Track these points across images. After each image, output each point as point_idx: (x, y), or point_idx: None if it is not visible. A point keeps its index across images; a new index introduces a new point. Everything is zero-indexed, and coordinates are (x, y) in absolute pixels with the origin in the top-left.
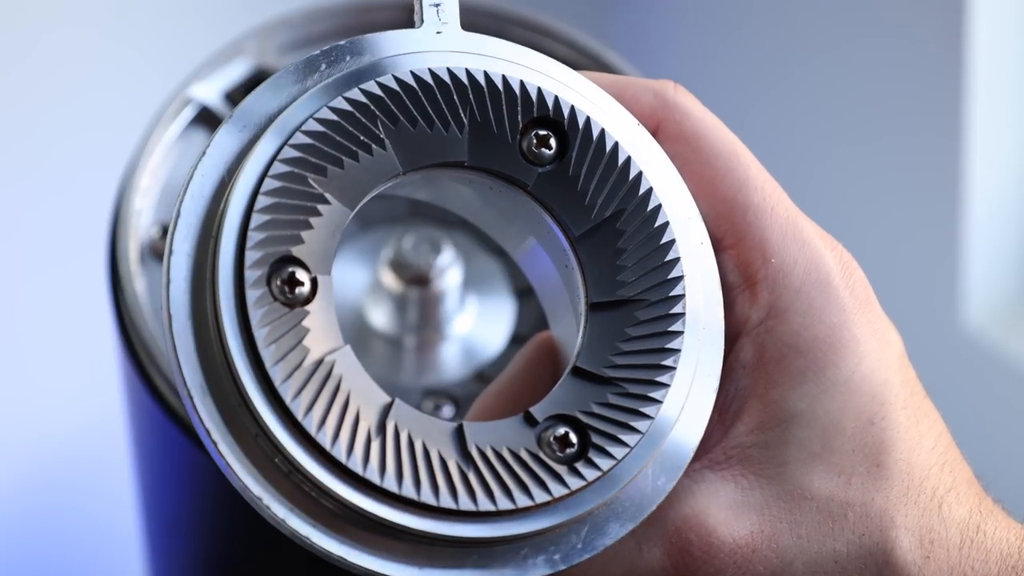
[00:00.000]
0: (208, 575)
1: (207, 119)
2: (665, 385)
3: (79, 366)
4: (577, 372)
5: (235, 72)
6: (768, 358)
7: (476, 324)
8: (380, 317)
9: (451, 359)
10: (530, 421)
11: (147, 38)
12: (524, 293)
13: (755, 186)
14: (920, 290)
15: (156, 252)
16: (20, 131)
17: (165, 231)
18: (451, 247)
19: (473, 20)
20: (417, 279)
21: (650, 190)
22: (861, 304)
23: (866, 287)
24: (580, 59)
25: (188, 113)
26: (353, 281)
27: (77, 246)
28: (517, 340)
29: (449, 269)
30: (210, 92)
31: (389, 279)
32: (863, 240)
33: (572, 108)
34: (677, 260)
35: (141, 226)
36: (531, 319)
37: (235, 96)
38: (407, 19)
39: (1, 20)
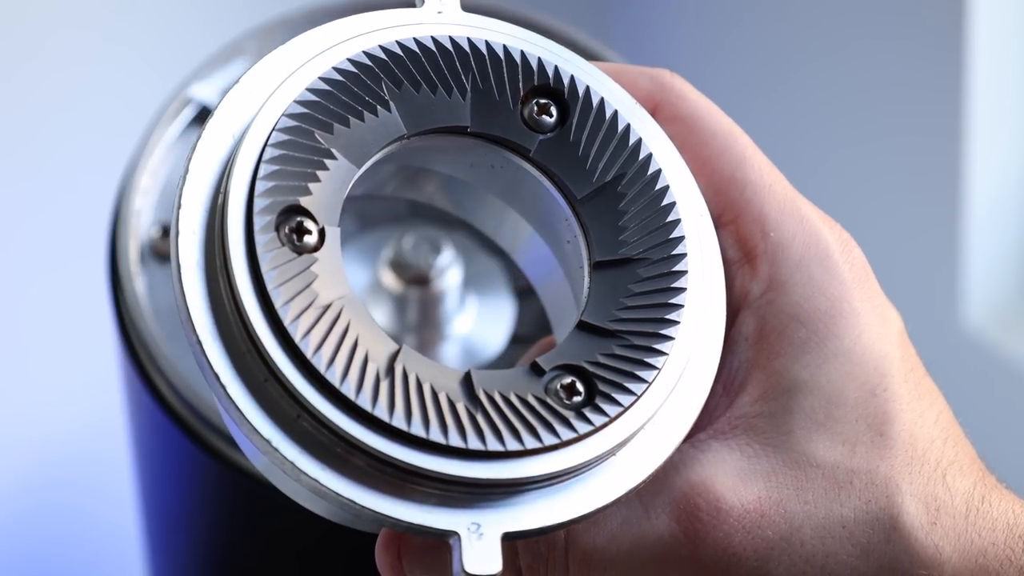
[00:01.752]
0: (208, 574)
1: (207, 119)
2: (670, 338)
3: (79, 366)
4: (583, 326)
5: (235, 72)
6: (770, 330)
7: (476, 324)
8: (380, 317)
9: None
10: (537, 371)
11: (147, 38)
12: (524, 293)
13: (752, 165)
14: (920, 290)
15: (156, 252)
16: (21, 132)
17: (165, 231)
18: (451, 247)
19: None
20: (417, 279)
21: (650, 155)
22: (860, 279)
23: (864, 264)
24: None
25: (188, 113)
26: (353, 281)
27: (77, 246)
28: (517, 340)
29: (449, 269)
30: (210, 92)
31: (389, 279)
32: (863, 240)
33: (572, 77)
34: (678, 221)
35: (141, 226)
36: (531, 319)
37: None
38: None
39: (2, 22)
